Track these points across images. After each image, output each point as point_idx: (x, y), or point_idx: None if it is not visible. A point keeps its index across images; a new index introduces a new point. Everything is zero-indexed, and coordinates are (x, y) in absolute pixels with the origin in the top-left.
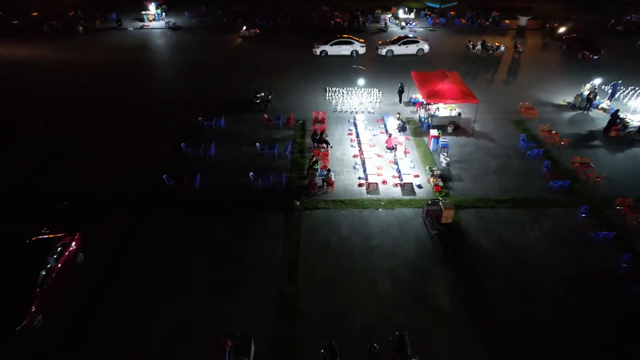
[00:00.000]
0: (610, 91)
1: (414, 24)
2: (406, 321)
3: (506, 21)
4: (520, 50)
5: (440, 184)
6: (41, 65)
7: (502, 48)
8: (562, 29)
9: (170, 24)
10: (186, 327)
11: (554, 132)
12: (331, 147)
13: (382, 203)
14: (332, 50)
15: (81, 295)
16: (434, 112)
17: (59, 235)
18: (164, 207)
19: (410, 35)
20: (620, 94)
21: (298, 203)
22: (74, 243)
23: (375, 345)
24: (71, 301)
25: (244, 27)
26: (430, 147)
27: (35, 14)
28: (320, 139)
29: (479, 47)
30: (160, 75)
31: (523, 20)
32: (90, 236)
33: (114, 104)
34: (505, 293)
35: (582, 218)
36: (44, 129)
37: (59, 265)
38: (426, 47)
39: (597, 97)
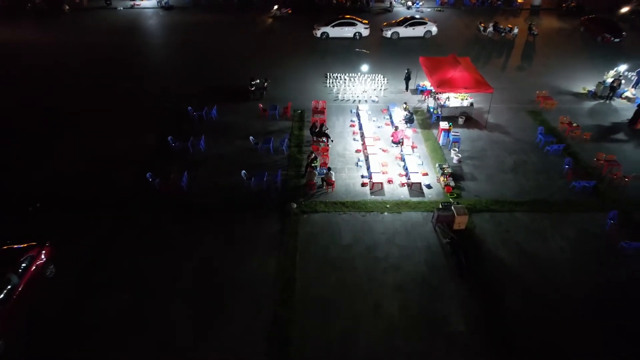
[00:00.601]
0: (635, 78)
1: (420, 3)
2: (415, 349)
3: (519, 0)
4: (535, 33)
5: (452, 184)
6: (22, 48)
7: (516, 30)
8: (625, 8)
9: (163, 3)
10: (164, 354)
11: (574, 124)
12: (332, 141)
13: (388, 206)
14: (334, 32)
15: (51, 315)
16: (444, 102)
17: (25, 246)
18: (146, 211)
19: (417, 16)
20: None
21: (295, 206)
22: (43, 255)
23: None
24: (39, 323)
25: (275, 7)
26: (440, 141)
27: None
28: (320, 132)
29: (490, 29)
30: (151, 59)
31: (537, 0)
32: (63, 246)
33: (98, 91)
34: (527, 313)
35: (610, 224)
36: (20, 118)
37: (25, 281)
38: (434, 29)
39: (622, 85)
